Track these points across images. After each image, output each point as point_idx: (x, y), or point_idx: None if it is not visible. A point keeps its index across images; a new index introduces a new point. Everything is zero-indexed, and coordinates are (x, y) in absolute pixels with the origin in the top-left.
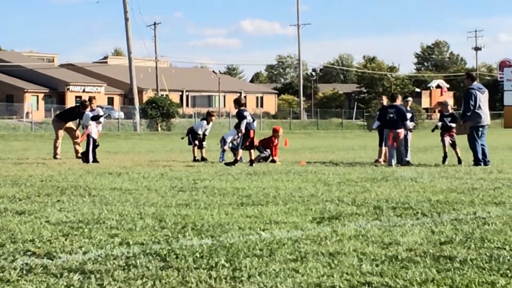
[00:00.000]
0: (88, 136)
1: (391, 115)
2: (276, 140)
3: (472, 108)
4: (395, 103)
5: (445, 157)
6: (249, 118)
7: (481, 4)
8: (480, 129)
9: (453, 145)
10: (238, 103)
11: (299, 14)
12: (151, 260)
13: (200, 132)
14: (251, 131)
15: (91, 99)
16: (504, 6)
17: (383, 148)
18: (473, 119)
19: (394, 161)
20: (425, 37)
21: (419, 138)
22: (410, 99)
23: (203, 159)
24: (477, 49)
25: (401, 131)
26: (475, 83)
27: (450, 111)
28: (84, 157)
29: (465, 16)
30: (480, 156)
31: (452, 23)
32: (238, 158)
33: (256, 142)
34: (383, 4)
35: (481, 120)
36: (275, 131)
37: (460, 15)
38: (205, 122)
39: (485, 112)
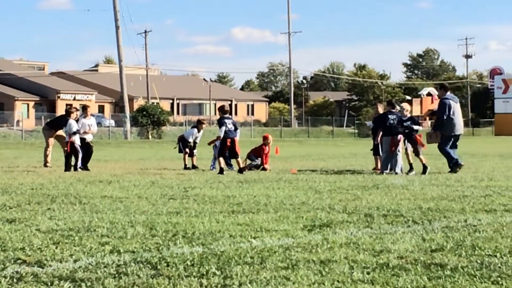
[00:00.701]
0: (72, 144)
1: (392, 121)
2: (267, 148)
3: (446, 117)
4: (394, 110)
5: (410, 168)
6: (229, 126)
7: (471, 12)
8: (453, 138)
9: (416, 153)
10: (221, 110)
11: (290, 22)
12: (142, 268)
13: (190, 140)
14: (228, 140)
15: (85, 107)
16: (494, 14)
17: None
18: (447, 128)
19: (398, 168)
20: (416, 45)
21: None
22: (404, 104)
23: (194, 167)
24: (467, 56)
25: (401, 137)
26: (448, 93)
27: (408, 115)
28: (65, 165)
29: (456, 24)
30: (453, 158)
31: (442, 31)
32: (222, 165)
33: (238, 151)
34: (374, 12)
35: (455, 129)
36: (265, 139)
37: (450, 23)
38: (195, 130)
39: (458, 122)
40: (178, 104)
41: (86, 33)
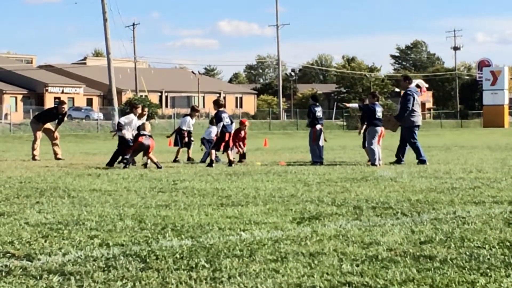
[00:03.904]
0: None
1: (379, 114)
2: (243, 132)
3: (409, 109)
4: (377, 102)
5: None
6: (226, 120)
7: (459, 4)
8: (416, 128)
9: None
10: (217, 104)
11: (278, 15)
12: (131, 261)
13: (184, 127)
14: (227, 134)
15: (142, 107)
16: (482, 6)
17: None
18: (409, 119)
19: (377, 161)
20: (404, 37)
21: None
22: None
23: (189, 159)
24: (456, 48)
25: (382, 129)
26: (412, 85)
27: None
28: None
29: (444, 16)
30: (421, 154)
31: (430, 23)
32: (213, 158)
33: (230, 143)
34: (362, 4)
35: (417, 120)
36: (242, 124)
37: (438, 15)
38: (189, 117)
39: (419, 113)
40: (166, 97)
41: (74, 26)
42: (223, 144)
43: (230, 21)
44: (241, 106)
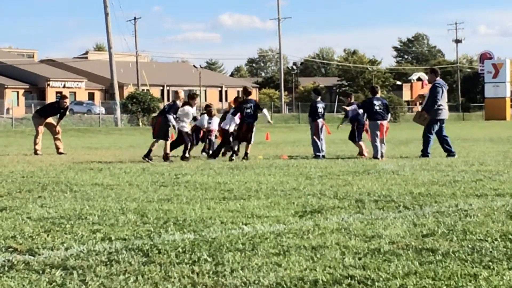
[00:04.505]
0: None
1: (378, 108)
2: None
3: (438, 101)
4: (377, 96)
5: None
6: (247, 111)
7: None
8: (439, 122)
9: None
10: (246, 93)
11: (279, 8)
12: (134, 256)
13: (204, 124)
14: (244, 124)
15: (209, 106)
16: None
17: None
18: (435, 112)
19: (379, 154)
20: (406, 30)
21: (400, 131)
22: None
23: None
24: (457, 41)
25: (386, 123)
26: (438, 78)
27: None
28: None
29: (445, 9)
30: (427, 149)
31: (432, 16)
32: (236, 149)
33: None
34: None
35: (441, 113)
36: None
37: (440, 8)
38: (206, 116)
39: (445, 106)
40: (168, 91)
41: (75, 20)
42: (242, 134)
43: (232, 14)
44: None
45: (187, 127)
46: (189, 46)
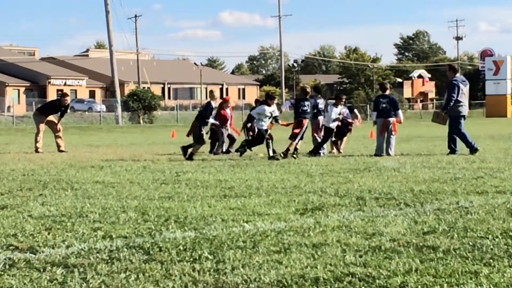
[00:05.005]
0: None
1: (384, 105)
2: (228, 110)
3: (453, 99)
4: (386, 93)
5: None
6: (304, 108)
7: None
8: (462, 118)
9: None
10: (304, 92)
11: (280, 5)
12: (134, 253)
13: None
14: (304, 121)
15: (273, 97)
16: None
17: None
18: (455, 109)
19: (391, 151)
20: (406, 26)
21: (402, 128)
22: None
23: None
24: (458, 38)
25: (393, 120)
26: (458, 75)
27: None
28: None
29: (445, 6)
30: (470, 142)
31: (432, 13)
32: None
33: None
34: None
35: (462, 110)
36: (225, 102)
37: (441, 5)
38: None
39: (465, 103)
40: (169, 89)
41: (76, 18)
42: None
43: (232, 12)
44: (243, 98)
45: (265, 126)
46: (189, 43)
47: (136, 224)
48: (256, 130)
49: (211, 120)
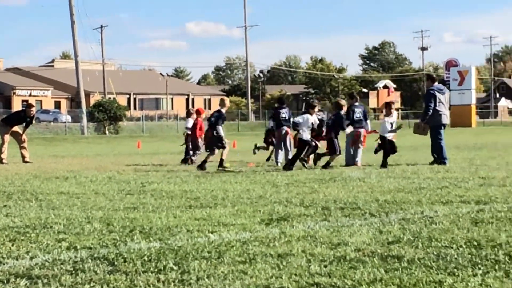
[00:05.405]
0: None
1: (358, 115)
2: (199, 120)
3: (431, 108)
4: (356, 103)
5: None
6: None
7: (426, 4)
8: (441, 127)
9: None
10: (351, 96)
11: (246, 16)
12: (99, 264)
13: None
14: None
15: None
16: (448, 6)
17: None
18: (433, 118)
19: (359, 161)
20: (372, 37)
21: (367, 138)
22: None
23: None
24: (423, 49)
25: (364, 131)
26: (435, 84)
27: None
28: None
29: (411, 17)
30: (444, 156)
31: (398, 23)
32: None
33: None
34: (330, 4)
35: (440, 119)
36: (198, 113)
37: (406, 15)
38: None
39: (444, 112)
40: (135, 99)
41: (42, 28)
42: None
43: (199, 22)
44: (209, 108)
45: (306, 135)
46: (156, 54)
47: (101, 235)
48: (296, 140)
49: (220, 131)
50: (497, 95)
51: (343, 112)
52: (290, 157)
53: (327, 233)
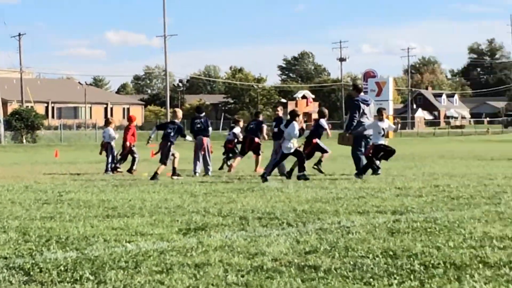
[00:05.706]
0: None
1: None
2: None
3: (356, 118)
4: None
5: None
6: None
7: (344, 15)
8: (363, 139)
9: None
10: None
11: (166, 25)
12: (14, 274)
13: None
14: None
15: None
16: (366, 17)
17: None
18: (357, 130)
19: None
20: (292, 47)
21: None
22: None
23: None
24: (341, 59)
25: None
26: (361, 94)
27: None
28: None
29: (330, 27)
30: (360, 168)
31: (317, 34)
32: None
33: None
34: (251, 14)
35: (363, 130)
36: (131, 120)
37: (324, 26)
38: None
39: (367, 123)
40: (53, 108)
41: None
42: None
43: (117, 31)
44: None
45: (293, 146)
46: (74, 62)
47: (17, 244)
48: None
49: (188, 138)
50: (414, 106)
51: (325, 120)
52: (210, 166)
53: (245, 243)
